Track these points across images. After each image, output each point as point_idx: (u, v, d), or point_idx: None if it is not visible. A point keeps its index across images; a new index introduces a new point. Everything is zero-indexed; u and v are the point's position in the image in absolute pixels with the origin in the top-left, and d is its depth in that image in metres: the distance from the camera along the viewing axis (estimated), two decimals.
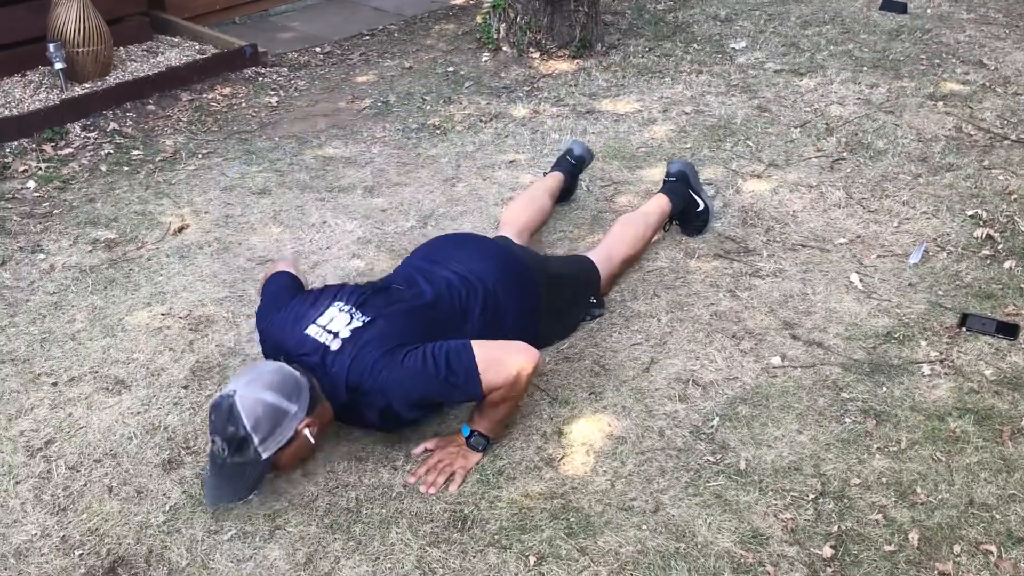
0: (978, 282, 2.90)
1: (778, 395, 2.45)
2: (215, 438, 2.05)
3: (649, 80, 4.52)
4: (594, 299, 2.75)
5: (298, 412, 2.07)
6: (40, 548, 2.04)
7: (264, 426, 2.02)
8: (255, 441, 2.01)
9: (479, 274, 2.44)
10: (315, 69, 4.91)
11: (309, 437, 2.10)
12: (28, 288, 2.97)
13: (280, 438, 2.05)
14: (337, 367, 2.13)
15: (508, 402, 2.20)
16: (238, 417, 2.00)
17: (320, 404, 2.14)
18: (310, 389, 2.10)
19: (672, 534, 2.05)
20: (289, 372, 2.10)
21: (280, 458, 2.08)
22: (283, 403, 2.04)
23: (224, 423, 2.02)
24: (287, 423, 2.05)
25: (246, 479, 2.06)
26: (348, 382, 2.12)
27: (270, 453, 2.04)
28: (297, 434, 2.07)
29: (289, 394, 2.06)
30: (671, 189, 3.11)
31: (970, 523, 2.06)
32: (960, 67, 4.53)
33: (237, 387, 2.05)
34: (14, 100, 4.25)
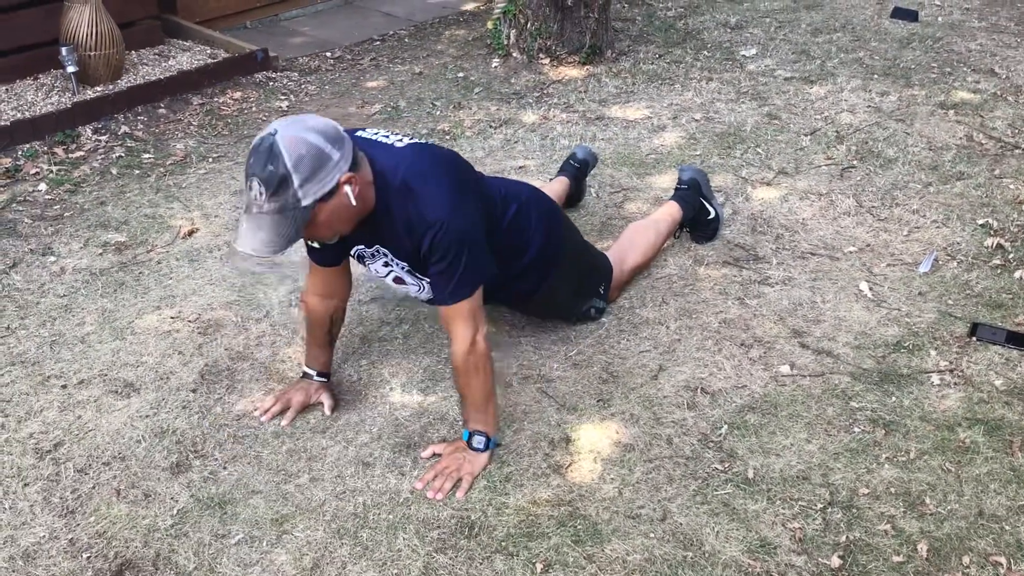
0: (988, 292, 2.89)
1: (787, 404, 2.44)
2: (252, 181, 1.90)
3: (659, 87, 4.52)
4: (603, 290, 2.75)
5: (340, 162, 1.93)
6: (48, 550, 2.05)
7: (305, 166, 1.88)
8: (295, 182, 1.88)
9: (524, 190, 2.51)
10: (325, 74, 4.92)
11: (350, 195, 1.96)
12: (38, 290, 2.99)
13: (321, 185, 1.91)
14: (398, 157, 2.07)
15: (474, 379, 2.18)
16: (279, 154, 1.87)
17: (363, 167, 2.02)
18: (354, 148, 2.00)
19: (680, 542, 2.04)
20: (334, 124, 1.98)
21: (318, 213, 1.95)
22: (326, 146, 1.91)
23: (263, 161, 1.88)
24: (329, 169, 1.92)
25: (283, 228, 1.92)
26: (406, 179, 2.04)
27: (310, 200, 1.91)
28: (338, 186, 1.94)
29: (333, 140, 1.93)
30: (682, 196, 3.11)
31: (979, 534, 2.05)
32: (971, 76, 4.52)
33: (279, 127, 1.91)
34: (26, 103, 4.27)
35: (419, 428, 2.39)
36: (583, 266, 2.69)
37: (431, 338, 2.73)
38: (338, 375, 2.57)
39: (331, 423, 2.40)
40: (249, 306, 2.88)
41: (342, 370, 2.60)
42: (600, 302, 2.76)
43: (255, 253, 1.95)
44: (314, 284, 2.39)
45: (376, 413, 2.44)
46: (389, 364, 2.63)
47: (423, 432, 2.37)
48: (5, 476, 2.25)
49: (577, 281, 2.68)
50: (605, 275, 2.76)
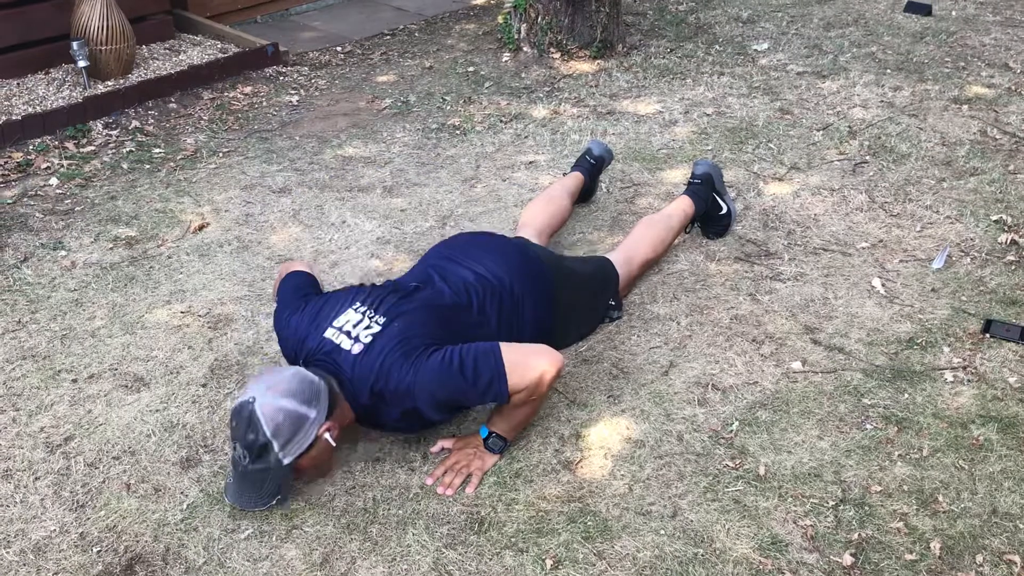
0: (1002, 288, 2.86)
1: (798, 400, 2.43)
2: (236, 445, 2.04)
3: (670, 81, 4.50)
4: (612, 301, 2.74)
5: (318, 416, 2.05)
6: (59, 544, 2.05)
7: (284, 432, 2.00)
8: (275, 448, 2.00)
9: (496, 273, 2.42)
10: (336, 68, 4.92)
11: (330, 440, 2.09)
12: (49, 285, 2.99)
13: (301, 444, 2.03)
14: (359, 371, 2.13)
15: (529, 405, 2.19)
16: (258, 424, 1.99)
17: (340, 406, 2.13)
18: (329, 392, 2.10)
19: (690, 539, 2.03)
20: (307, 377, 2.08)
21: (302, 463, 2.07)
22: (302, 408, 2.03)
23: (244, 430, 2.00)
24: (307, 428, 2.04)
25: (268, 485, 2.05)
26: (372, 386, 2.12)
27: (291, 459, 2.03)
28: (318, 438, 2.06)
29: (308, 399, 2.05)
30: (695, 191, 3.09)
31: (993, 532, 2.04)
32: (985, 70, 4.48)
33: (256, 394, 2.03)
34: (38, 97, 4.28)
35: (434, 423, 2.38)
36: (583, 300, 2.66)
37: None
38: None
39: None
40: (259, 301, 2.88)
41: None
42: (613, 311, 2.74)
43: (244, 509, 2.11)
44: None
45: None
46: None
47: (432, 427, 2.37)
48: (16, 470, 2.25)
49: (586, 310, 2.68)
50: (610, 289, 2.73)
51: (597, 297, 2.71)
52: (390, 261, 3.08)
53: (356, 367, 2.13)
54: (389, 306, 2.24)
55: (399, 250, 3.14)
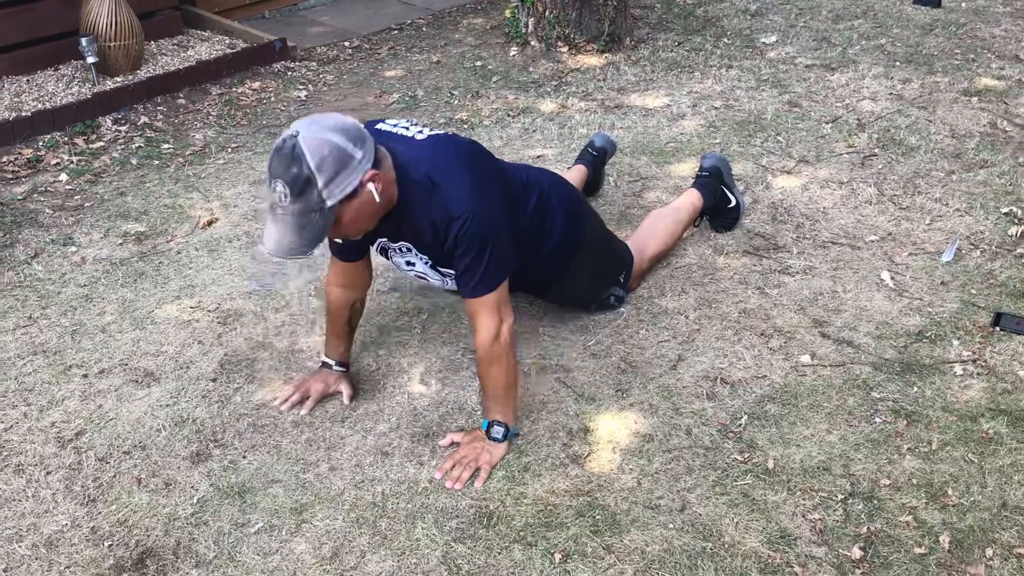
0: (1012, 281, 2.85)
1: (807, 394, 2.43)
2: (275, 183, 1.89)
3: (678, 74, 4.49)
4: (623, 279, 2.74)
5: (363, 161, 1.92)
6: (70, 538, 2.07)
7: (329, 167, 1.87)
8: (319, 183, 1.87)
9: (545, 177, 2.49)
10: (344, 63, 4.92)
11: (374, 193, 1.96)
12: (59, 280, 3.00)
13: (344, 185, 1.90)
14: (417, 152, 2.07)
15: (498, 373, 2.19)
16: (302, 156, 1.86)
17: (385, 164, 2.02)
18: (376, 148, 1.98)
19: (699, 533, 2.03)
20: (355, 122, 1.96)
21: (343, 213, 1.94)
22: (349, 146, 1.90)
23: (287, 163, 1.87)
24: (352, 168, 1.91)
25: (308, 230, 1.91)
26: (428, 170, 2.04)
27: (334, 201, 1.90)
28: (362, 185, 1.93)
29: (355, 139, 1.92)
30: (703, 184, 3.09)
31: (1003, 526, 2.03)
32: (995, 62, 4.46)
33: (300, 128, 1.90)
34: (47, 94, 4.29)
35: (437, 417, 2.39)
36: (604, 254, 2.68)
37: (449, 328, 2.73)
38: (356, 365, 2.58)
39: (350, 412, 2.41)
40: (268, 296, 2.89)
41: (360, 359, 2.60)
42: (620, 290, 2.74)
43: (282, 256, 1.96)
44: (335, 275, 2.40)
45: (394, 402, 2.44)
46: (407, 354, 2.63)
47: (441, 421, 2.37)
48: (28, 464, 2.27)
49: (597, 269, 2.67)
50: (626, 264, 2.75)
51: (614, 262, 2.72)
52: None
53: (416, 148, 2.08)
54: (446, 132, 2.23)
55: None
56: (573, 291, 2.66)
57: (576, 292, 2.67)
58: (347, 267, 2.37)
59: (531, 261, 2.39)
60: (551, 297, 2.73)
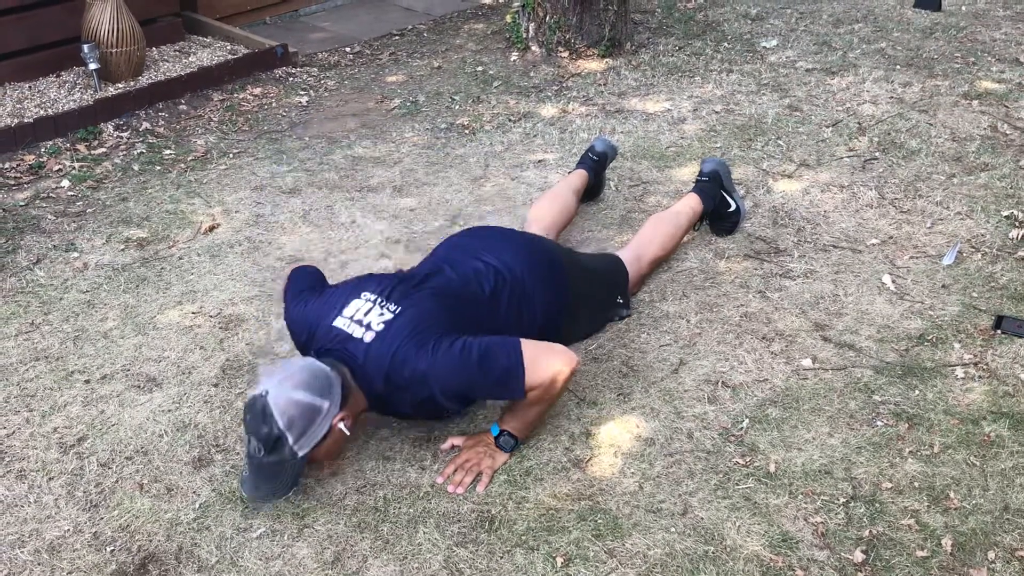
0: (1013, 284, 2.85)
1: (809, 397, 2.43)
2: (250, 438, 2.05)
3: (679, 79, 4.49)
4: (621, 299, 2.74)
5: (331, 408, 2.06)
6: (73, 544, 2.07)
7: (298, 425, 2.01)
8: (290, 440, 2.01)
9: (508, 263, 2.41)
10: (345, 69, 4.93)
11: (344, 430, 2.09)
12: (62, 286, 3.01)
13: (315, 435, 2.04)
14: (372, 359, 2.12)
15: (542, 404, 2.19)
16: (271, 418, 2.00)
17: (353, 395, 2.12)
18: (342, 382, 2.09)
19: (701, 537, 2.03)
20: (320, 368, 2.08)
21: (316, 453, 2.08)
22: (316, 400, 2.03)
23: (258, 423, 2.01)
24: (321, 420, 2.04)
25: (284, 477, 2.07)
26: (386, 375, 2.11)
27: (306, 451, 2.04)
28: (332, 428, 2.07)
29: (321, 391, 2.05)
30: (703, 189, 3.09)
31: (1005, 529, 2.03)
32: (996, 65, 4.46)
33: (269, 387, 2.04)
34: (49, 100, 4.30)
35: (439, 422, 2.39)
36: (595, 294, 2.67)
37: None
38: None
39: None
40: (270, 301, 2.90)
41: None
42: (623, 309, 2.74)
43: (261, 501, 2.12)
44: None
45: None
46: None
47: (443, 426, 2.37)
48: (30, 470, 2.27)
49: (594, 308, 2.68)
50: (620, 286, 2.73)
51: (607, 293, 2.71)
52: (400, 260, 3.09)
53: (369, 355, 2.13)
54: (400, 295, 2.23)
55: (409, 249, 3.15)
56: (575, 336, 2.64)
57: (581, 334, 2.66)
58: None
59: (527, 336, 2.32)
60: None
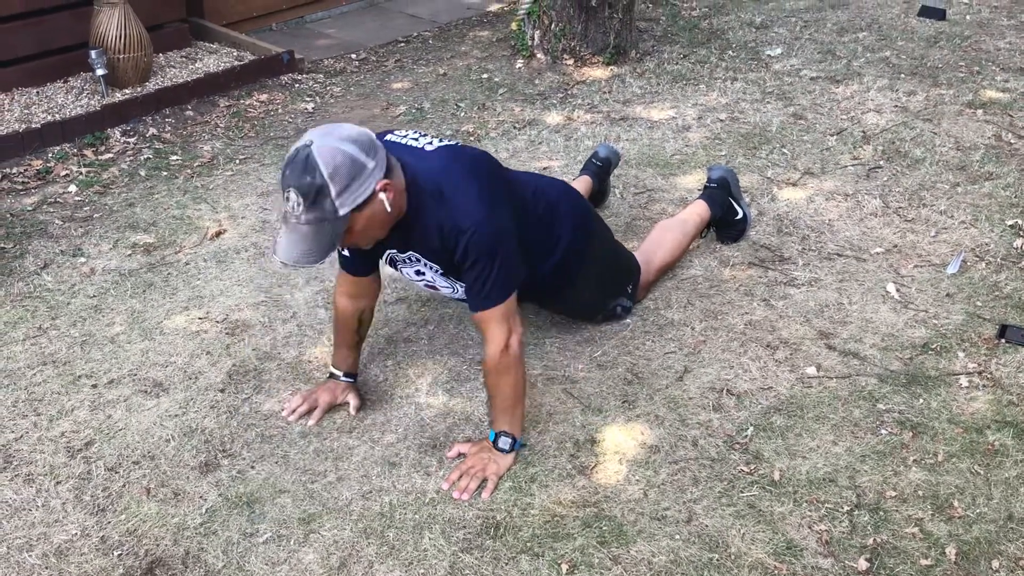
0: (1018, 293, 2.86)
1: (813, 405, 2.43)
2: (289, 192, 1.92)
3: (684, 87, 4.51)
4: (630, 289, 2.75)
5: (375, 170, 1.96)
6: (80, 548, 2.08)
7: (342, 176, 1.90)
8: (332, 192, 1.90)
9: (552, 184, 2.53)
10: (351, 76, 4.95)
11: (385, 202, 1.99)
12: (69, 291, 3.02)
13: (357, 194, 1.93)
14: (428, 162, 2.09)
15: (506, 384, 2.20)
16: (315, 165, 1.89)
17: (396, 174, 2.04)
18: (387, 155, 2.01)
19: (705, 544, 2.04)
20: (367, 132, 1.99)
21: (355, 221, 1.98)
22: (361, 156, 1.93)
23: (300, 172, 1.90)
24: (365, 178, 1.94)
25: (321, 238, 1.95)
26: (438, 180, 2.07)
27: (347, 209, 1.93)
28: (374, 194, 1.96)
29: (367, 149, 1.95)
30: (711, 195, 3.10)
31: (1009, 538, 2.04)
32: (1000, 74, 4.47)
33: (314, 137, 1.93)
34: (56, 105, 4.32)
35: (444, 428, 2.40)
36: (611, 264, 2.70)
37: (456, 339, 2.74)
38: (364, 375, 2.59)
39: (357, 423, 2.42)
40: (276, 306, 2.91)
41: (368, 370, 2.62)
42: (627, 300, 2.76)
43: (296, 264, 1.99)
44: (344, 285, 2.41)
45: (402, 413, 2.46)
46: (415, 364, 2.64)
47: (448, 432, 2.38)
48: (38, 474, 2.28)
49: (604, 279, 2.68)
50: (633, 274, 2.76)
51: (621, 273, 2.74)
52: None
53: (426, 159, 2.10)
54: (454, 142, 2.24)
55: None
56: (579, 301, 2.67)
57: (582, 302, 2.69)
58: (356, 279, 2.39)
59: (538, 270, 2.40)
60: (558, 307, 2.75)
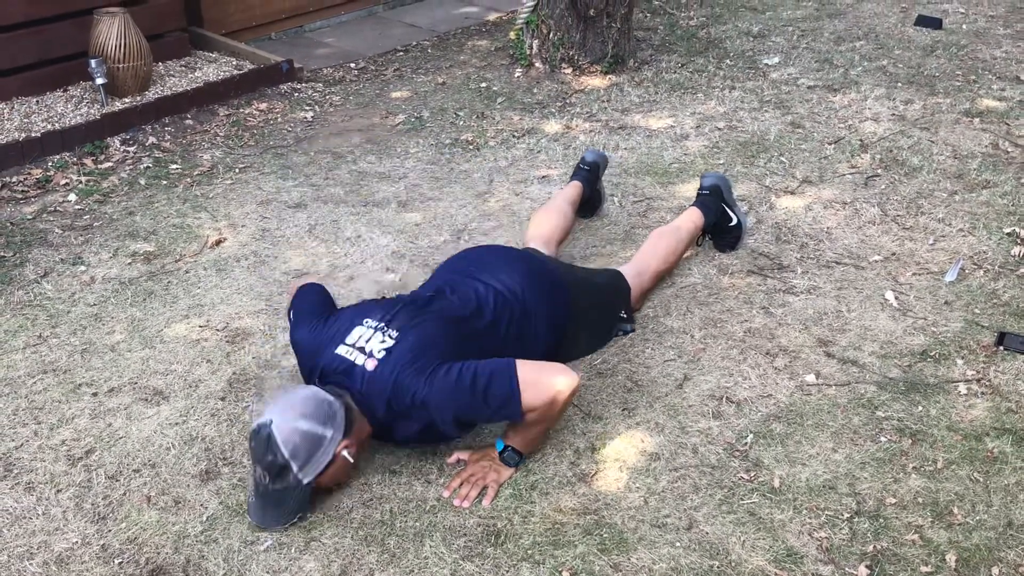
0: (1016, 300, 2.87)
1: (812, 413, 2.44)
2: (256, 467, 2.09)
3: (682, 96, 4.52)
4: (624, 314, 2.75)
5: (335, 436, 2.10)
6: (81, 556, 2.08)
7: (302, 454, 2.05)
8: (294, 469, 2.05)
9: (509, 285, 2.44)
10: (350, 85, 4.96)
11: (348, 458, 2.14)
12: (69, 300, 3.03)
13: (319, 463, 2.08)
14: (374, 387, 2.15)
15: (544, 423, 2.20)
16: (276, 447, 2.04)
17: (357, 424, 2.16)
18: (346, 410, 2.13)
19: (706, 552, 2.04)
20: (323, 398, 2.12)
21: (322, 480, 2.12)
22: (319, 429, 2.07)
23: (263, 452, 2.06)
24: (325, 448, 2.09)
25: (289, 504, 2.10)
26: (389, 402, 2.14)
27: (310, 479, 2.08)
28: (336, 456, 2.11)
29: (324, 420, 2.09)
30: (703, 202, 3.11)
31: (1009, 545, 2.04)
32: (996, 83, 4.50)
33: (273, 416, 2.07)
34: (56, 114, 4.33)
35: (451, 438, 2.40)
36: (595, 311, 2.67)
37: None
38: None
39: None
40: (276, 314, 2.91)
41: None
42: (626, 324, 2.76)
43: (267, 529, 2.12)
44: None
45: None
46: None
47: (450, 441, 2.38)
48: (38, 482, 2.28)
49: (597, 324, 2.69)
50: (622, 301, 2.75)
51: (609, 308, 2.72)
52: (405, 275, 3.11)
53: (369, 383, 2.16)
54: (402, 320, 2.26)
55: (414, 264, 3.17)
56: (581, 351, 2.66)
57: (584, 350, 2.67)
58: None
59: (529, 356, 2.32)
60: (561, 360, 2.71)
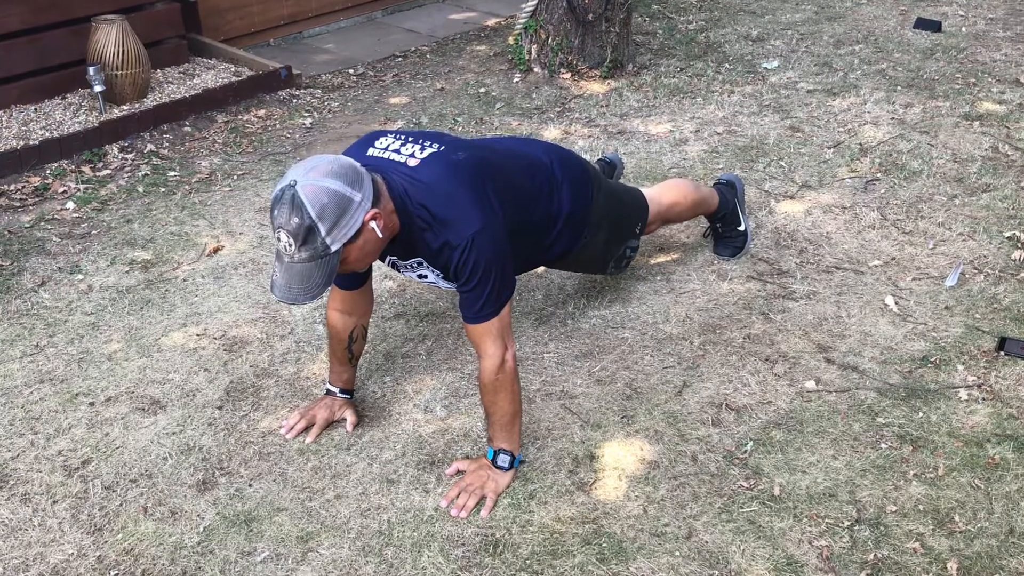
0: (1016, 305, 2.86)
1: (812, 420, 2.43)
2: (280, 233, 1.93)
3: (680, 100, 4.52)
4: (639, 230, 2.78)
5: (363, 201, 1.95)
6: (77, 568, 2.07)
7: (330, 214, 1.90)
8: (322, 231, 1.90)
9: (538, 154, 2.47)
10: (348, 91, 4.96)
11: (376, 231, 1.99)
12: (66, 308, 3.02)
13: (347, 229, 1.94)
14: (417, 175, 2.07)
15: (503, 400, 2.19)
16: (302, 205, 1.88)
17: (384, 200, 2.03)
18: (373, 183, 2.00)
19: (705, 560, 2.03)
20: (349, 161, 1.99)
21: (348, 253, 1.98)
22: (347, 190, 1.92)
23: (288, 214, 1.90)
24: (353, 211, 1.93)
25: (317, 275, 1.95)
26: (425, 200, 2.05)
27: (339, 245, 1.94)
28: (364, 225, 1.97)
29: (352, 182, 1.94)
30: (720, 189, 3.13)
31: (1011, 553, 2.03)
32: (996, 86, 4.48)
33: (297, 177, 1.92)
34: (54, 122, 4.33)
35: (443, 445, 2.39)
36: (615, 218, 2.68)
37: (454, 355, 2.74)
38: (362, 392, 2.58)
39: (355, 440, 2.41)
40: (274, 323, 2.90)
41: (366, 387, 2.61)
42: (634, 241, 2.78)
43: (294, 302, 1.98)
44: (335, 301, 2.41)
45: (400, 430, 2.45)
46: (413, 381, 2.63)
47: (447, 449, 2.38)
48: (34, 493, 2.27)
49: (612, 233, 2.69)
50: (640, 215, 2.78)
51: (628, 220, 2.74)
52: (403, 282, 3.10)
53: (408, 176, 2.08)
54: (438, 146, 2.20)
55: None
56: (589, 259, 2.67)
57: (592, 259, 2.69)
58: (347, 294, 2.39)
59: (542, 243, 2.40)
60: (567, 267, 2.74)
